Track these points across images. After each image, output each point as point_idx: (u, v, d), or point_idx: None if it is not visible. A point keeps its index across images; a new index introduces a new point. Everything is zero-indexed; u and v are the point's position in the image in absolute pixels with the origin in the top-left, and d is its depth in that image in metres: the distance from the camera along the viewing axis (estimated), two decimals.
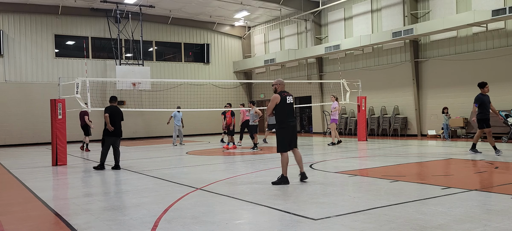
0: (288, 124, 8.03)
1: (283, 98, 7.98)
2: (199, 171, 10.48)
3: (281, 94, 8.02)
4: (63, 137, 12.72)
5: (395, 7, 20.90)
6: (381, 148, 14.98)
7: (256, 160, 12.45)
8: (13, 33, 23.58)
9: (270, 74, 28.79)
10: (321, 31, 25.06)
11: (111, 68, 25.71)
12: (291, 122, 8.08)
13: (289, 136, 8.04)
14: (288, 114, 8.02)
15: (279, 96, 7.99)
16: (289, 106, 8.07)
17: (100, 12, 25.20)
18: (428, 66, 19.82)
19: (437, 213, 5.34)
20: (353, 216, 5.40)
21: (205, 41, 29.15)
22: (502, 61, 17.09)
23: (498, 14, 15.56)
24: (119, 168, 11.04)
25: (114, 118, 11.05)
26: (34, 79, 23.95)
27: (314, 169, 9.89)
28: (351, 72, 22.61)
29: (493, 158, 10.84)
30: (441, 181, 8.00)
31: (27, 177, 10.17)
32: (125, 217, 5.76)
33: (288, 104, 8.04)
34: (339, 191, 7.23)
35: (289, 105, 8.06)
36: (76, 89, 12.79)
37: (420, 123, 20.17)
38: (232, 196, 6.96)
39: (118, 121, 11.14)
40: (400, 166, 10.19)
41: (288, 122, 8.01)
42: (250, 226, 5.28)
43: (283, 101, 7.98)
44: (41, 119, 22.69)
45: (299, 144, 8.61)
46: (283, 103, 7.98)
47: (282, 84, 8.19)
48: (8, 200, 7.49)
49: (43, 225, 5.75)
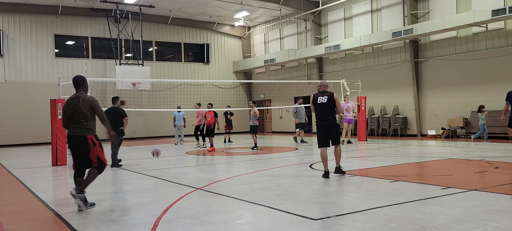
0: (318, 123, 8.51)
1: (314, 98, 8.50)
2: (199, 171, 10.48)
3: (314, 94, 8.54)
4: (63, 137, 12.70)
5: (395, 7, 20.90)
6: (381, 148, 14.98)
7: (256, 160, 12.45)
8: (13, 33, 23.58)
9: (270, 74, 28.80)
10: (321, 31, 25.06)
11: (111, 68, 25.71)
12: (321, 121, 8.44)
13: (320, 133, 8.47)
14: (318, 114, 8.49)
15: (312, 96, 8.56)
16: (320, 106, 8.43)
17: (100, 12, 25.20)
18: (428, 66, 19.83)
19: (437, 213, 5.34)
20: (353, 216, 5.40)
21: (205, 41, 29.15)
22: (502, 61, 17.09)
23: (498, 14, 15.56)
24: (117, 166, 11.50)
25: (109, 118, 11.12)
26: (34, 79, 23.95)
27: (314, 169, 9.89)
28: (351, 72, 22.61)
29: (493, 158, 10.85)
30: (441, 181, 8.00)
31: (27, 177, 10.17)
32: (125, 217, 5.76)
33: (318, 104, 8.43)
34: (339, 191, 7.23)
35: (319, 105, 8.43)
36: None
37: (420, 123, 20.18)
38: (232, 196, 6.96)
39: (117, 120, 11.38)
40: (400, 166, 10.19)
41: (318, 120, 8.50)
42: (250, 226, 5.28)
43: (314, 101, 8.49)
44: (41, 118, 22.67)
45: (298, 144, 8.60)
46: (315, 103, 8.50)
47: (322, 86, 8.62)
48: (8, 200, 7.49)
49: (43, 225, 5.74)
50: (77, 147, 6.30)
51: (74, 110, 6.24)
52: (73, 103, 6.28)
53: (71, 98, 6.36)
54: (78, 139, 6.24)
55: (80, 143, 6.25)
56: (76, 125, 6.25)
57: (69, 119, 6.32)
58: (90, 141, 6.26)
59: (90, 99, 6.31)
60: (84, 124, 6.25)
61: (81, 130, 6.24)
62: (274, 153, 14.81)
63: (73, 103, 6.28)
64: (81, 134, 6.24)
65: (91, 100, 6.29)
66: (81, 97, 6.27)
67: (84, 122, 6.25)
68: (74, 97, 6.33)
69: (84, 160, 6.32)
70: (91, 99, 6.31)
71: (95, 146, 6.30)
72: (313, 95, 8.54)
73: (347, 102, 17.57)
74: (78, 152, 6.32)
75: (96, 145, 6.31)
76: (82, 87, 6.43)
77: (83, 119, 6.24)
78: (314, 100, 8.48)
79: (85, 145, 6.24)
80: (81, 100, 6.24)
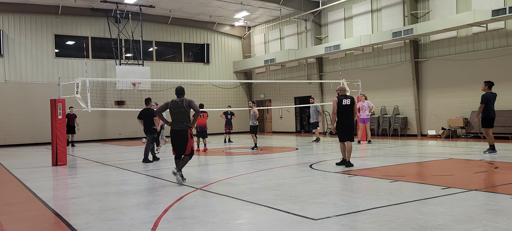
0: (343, 121, 9.92)
1: (340, 100, 9.91)
2: (199, 171, 10.48)
3: (339, 97, 9.97)
4: (63, 137, 12.73)
5: (395, 7, 20.90)
6: (381, 148, 14.98)
7: (256, 160, 12.45)
8: (13, 33, 23.59)
9: (270, 74, 28.80)
10: (321, 31, 25.06)
11: (111, 68, 25.71)
12: (345, 120, 9.91)
13: (343, 130, 9.92)
14: (343, 114, 9.91)
15: (337, 99, 9.95)
16: (345, 107, 9.88)
17: (100, 12, 25.20)
18: (428, 66, 19.82)
19: (437, 213, 5.34)
20: (353, 216, 5.40)
21: (205, 41, 29.15)
22: (502, 61, 17.09)
23: (498, 14, 15.56)
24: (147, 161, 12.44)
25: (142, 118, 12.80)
26: (34, 79, 23.95)
27: (314, 169, 9.90)
28: (351, 72, 22.61)
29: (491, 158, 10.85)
30: (441, 181, 8.00)
31: (27, 177, 10.17)
32: (125, 217, 5.76)
33: (343, 105, 9.88)
34: (339, 191, 7.23)
35: (344, 107, 9.88)
36: (76, 89, 12.79)
37: (420, 123, 20.17)
38: (232, 196, 6.96)
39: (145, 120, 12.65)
40: (400, 166, 10.19)
41: (343, 119, 9.91)
42: (250, 226, 5.28)
43: (340, 103, 9.89)
44: (41, 119, 22.70)
45: (298, 144, 8.68)
46: (340, 105, 9.88)
47: (343, 90, 10.30)
48: (8, 200, 7.49)
49: (43, 225, 5.75)
50: (180, 138, 8.34)
51: (178, 110, 8.30)
52: (178, 105, 8.34)
53: (176, 101, 8.39)
54: (183, 132, 8.31)
55: (183, 135, 8.31)
56: (180, 121, 8.30)
57: (174, 117, 8.36)
58: (189, 135, 8.36)
59: (189, 100, 8.40)
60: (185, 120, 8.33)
61: (184, 125, 8.29)
62: (274, 153, 14.81)
63: (178, 104, 8.33)
64: (184, 128, 8.30)
65: (190, 101, 8.37)
66: (183, 100, 8.39)
67: (185, 119, 8.34)
68: (179, 100, 8.40)
69: (183, 147, 8.34)
70: (190, 100, 8.40)
71: (191, 138, 8.43)
72: (338, 98, 9.92)
73: (363, 101, 17.47)
74: (180, 141, 8.34)
75: (192, 137, 8.45)
76: (183, 93, 8.55)
77: (185, 117, 8.32)
78: (339, 102, 9.86)
79: (186, 137, 8.31)
80: (184, 102, 8.34)
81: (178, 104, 8.31)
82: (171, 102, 8.41)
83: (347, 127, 9.93)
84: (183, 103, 8.29)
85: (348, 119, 9.92)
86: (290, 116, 27.87)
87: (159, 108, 8.63)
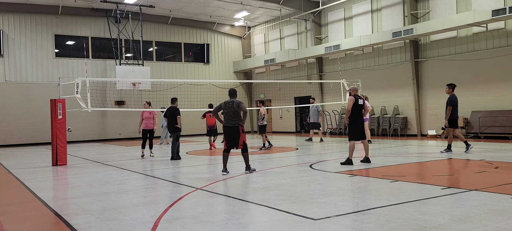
0: (358, 121, 10.22)
1: (356, 100, 10.16)
2: (199, 171, 10.49)
3: (355, 97, 10.22)
4: (63, 137, 12.72)
5: (395, 7, 20.90)
6: (381, 148, 14.97)
7: (256, 160, 12.45)
8: (13, 33, 23.59)
9: (270, 74, 28.80)
10: (321, 31, 25.06)
11: (111, 68, 25.71)
12: (359, 119, 10.23)
13: (358, 130, 10.24)
14: (358, 113, 10.21)
15: (353, 98, 10.18)
16: (360, 107, 10.20)
17: (100, 12, 25.20)
18: (428, 66, 19.82)
19: (437, 213, 5.34)
20: (353, 216, 5.40)
21: (205, 41, 29.15)
22: (502, 61, 17.09)
23: (498, 14, 15.56)
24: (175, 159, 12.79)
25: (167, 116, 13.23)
26: (34, 79, 23.95)
27: (314, 169, 9.89)
28: (351, 72, 22.61)
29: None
30: (441, 181, 8.00)
31: (27, 177, 10.17)
32: (125, 217, 5.76)
33: (359, 105, 10.18)
34: (339, 191, 7.23)
35: (359, 106, 10.19)
36: (76, 89, 12.77)
37: (420, 123, 20.17)
38: (232, 196, 6.96)
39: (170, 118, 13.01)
40: (400, 166, 10.19)
41: (358, 119, 10.21)
42: (250, 226, 5.27)
43: (356, 102, 10.14)
44: (41, 119, 22.69)
45: (298, 144, 8.70)
46: (356, 104, 10.14)
47: (355, 90, 10.58)
48: (8, 200, 7.49)
49: (43, 225, 5.74)
50: (232, 134, 9.34)
51: (230, 109, 9.33)
52: (229, 105, 9.36)
53: (228, 102, 9.41)
54: (235, 128, 9.31)
55: (235, 131, 9.32)
56: (232, 119, 9.31)
57: (226, 116, 9.38)
58: (241, 130, 9.34)
59: (238, 102, 9.34)
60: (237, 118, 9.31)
61: (235, 123, 9.29)
62: (274, 153, 14.81)
63: (230, 105, 9.36)
64: (235, 125, 9.29)
65: (239, 102, 9.32)
66: (235, 101, 9.33)
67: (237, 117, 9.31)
68: (230, 101, 9.39)
69: (234, 142, 9.36)
70: (239, 101, 9.36)
71: (243, 133, 9.40)
72: (354, 97, 10.17)
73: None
74: (232, 137, 9.34)
75: (244, 133, 9.41)
76: (235, 95, 9.59)
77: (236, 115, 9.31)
78: (356, 102, 10.13)
79: (238, 132, 9.32)
80: (234, 103, 9.28)
81: (230, 105, 9.33)
82: (224, 104, 9.46)
83: (361, 127, 10.33)
84: (233, 104, 9.30)
85: (362, 118, 10.33)
86: (290, 116, 27.87)
87: (215, 109, 9.82)
